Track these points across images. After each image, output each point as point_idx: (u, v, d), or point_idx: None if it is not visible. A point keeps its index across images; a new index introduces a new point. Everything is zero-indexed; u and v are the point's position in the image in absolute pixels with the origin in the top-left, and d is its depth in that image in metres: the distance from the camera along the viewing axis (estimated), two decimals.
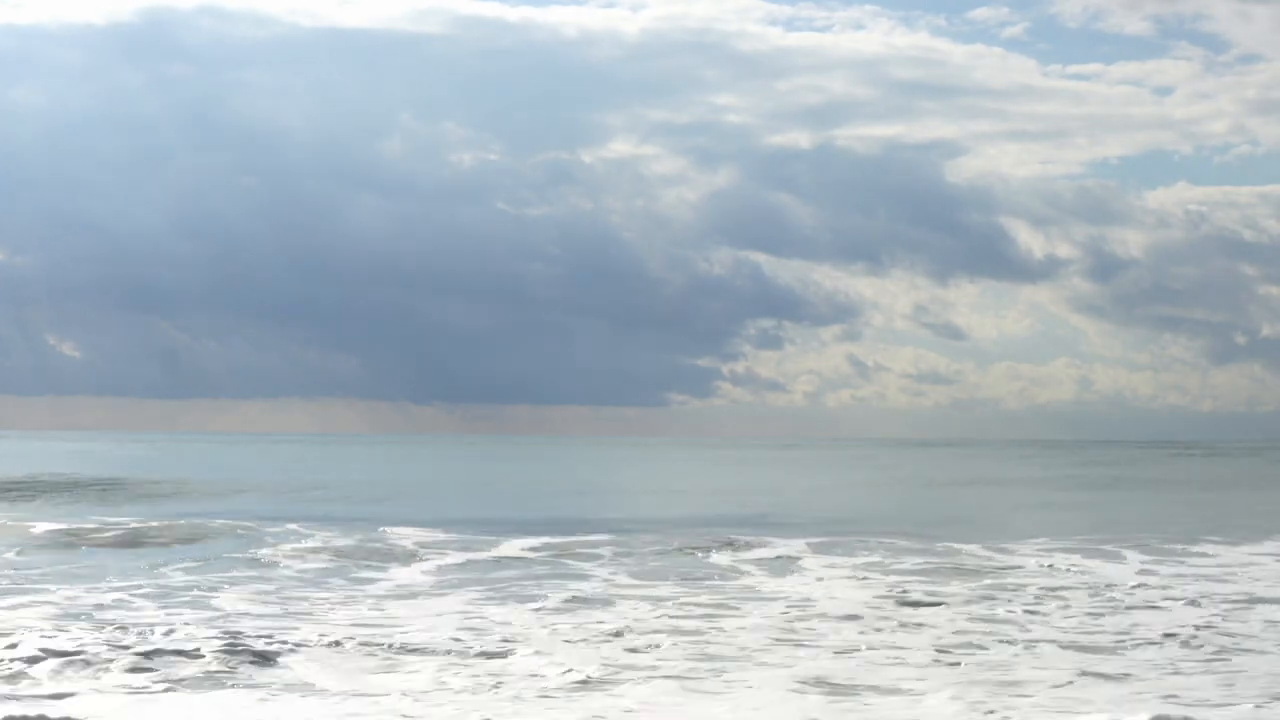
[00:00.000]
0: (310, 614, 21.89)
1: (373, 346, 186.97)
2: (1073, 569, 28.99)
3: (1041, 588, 25.65)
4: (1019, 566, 29.54)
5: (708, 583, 26.88)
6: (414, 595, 24.64)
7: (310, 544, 34.28)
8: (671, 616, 21.60)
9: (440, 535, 37.18)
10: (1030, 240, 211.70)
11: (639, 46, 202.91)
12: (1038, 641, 19.33)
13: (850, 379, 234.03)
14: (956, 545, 34.14)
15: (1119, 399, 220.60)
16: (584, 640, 19.20)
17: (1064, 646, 18.93)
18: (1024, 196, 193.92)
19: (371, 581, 26.90)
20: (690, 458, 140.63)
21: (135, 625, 20.09)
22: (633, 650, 18.44)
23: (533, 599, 23.78)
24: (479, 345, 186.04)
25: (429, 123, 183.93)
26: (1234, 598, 24.24)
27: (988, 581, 26.74)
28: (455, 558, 31.44)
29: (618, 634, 19.79)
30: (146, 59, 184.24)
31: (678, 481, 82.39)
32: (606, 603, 23.61)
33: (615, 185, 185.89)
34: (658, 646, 18.59)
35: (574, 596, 24.31)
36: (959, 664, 17.51)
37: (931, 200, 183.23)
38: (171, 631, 19.44)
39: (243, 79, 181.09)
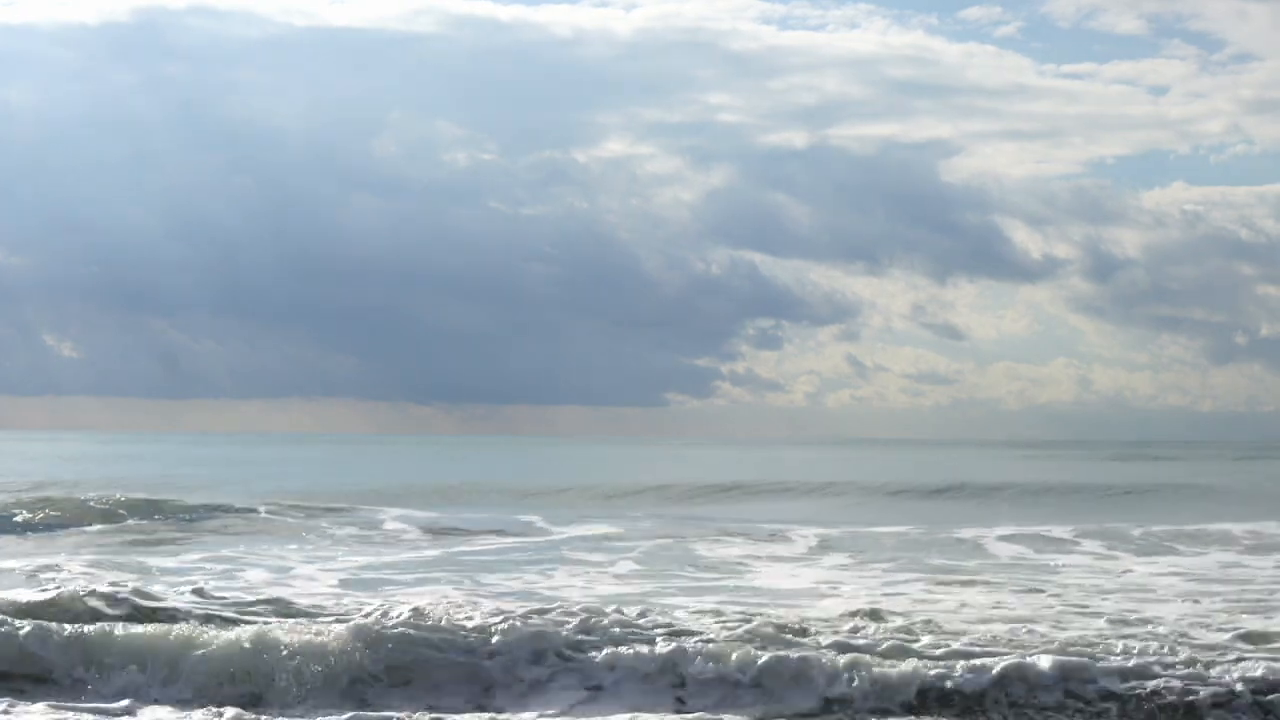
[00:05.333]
0: None
1: (372, 347, 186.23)
2: None
3: None
4: None
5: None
6: None
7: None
8: None
9: None
10: (1027, 240, 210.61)
11: (632, 45, 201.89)
12: None
13: (850, 379, 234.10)
14: None
15: (1119, 399, 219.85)
16: None
17: None
18: (1020, 196, 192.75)
19: None
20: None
21: None
22: None
23: None
24: (477, 345, 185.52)
25: (422, 122, 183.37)
26: None
27: None
28: None
29: None
30: (140, 58, 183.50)
31: None
32: None
33: (610, 185, 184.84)
34: None
35: None
36: None
37: (928, 200, 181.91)
38: None
39: (236, 78, 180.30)
